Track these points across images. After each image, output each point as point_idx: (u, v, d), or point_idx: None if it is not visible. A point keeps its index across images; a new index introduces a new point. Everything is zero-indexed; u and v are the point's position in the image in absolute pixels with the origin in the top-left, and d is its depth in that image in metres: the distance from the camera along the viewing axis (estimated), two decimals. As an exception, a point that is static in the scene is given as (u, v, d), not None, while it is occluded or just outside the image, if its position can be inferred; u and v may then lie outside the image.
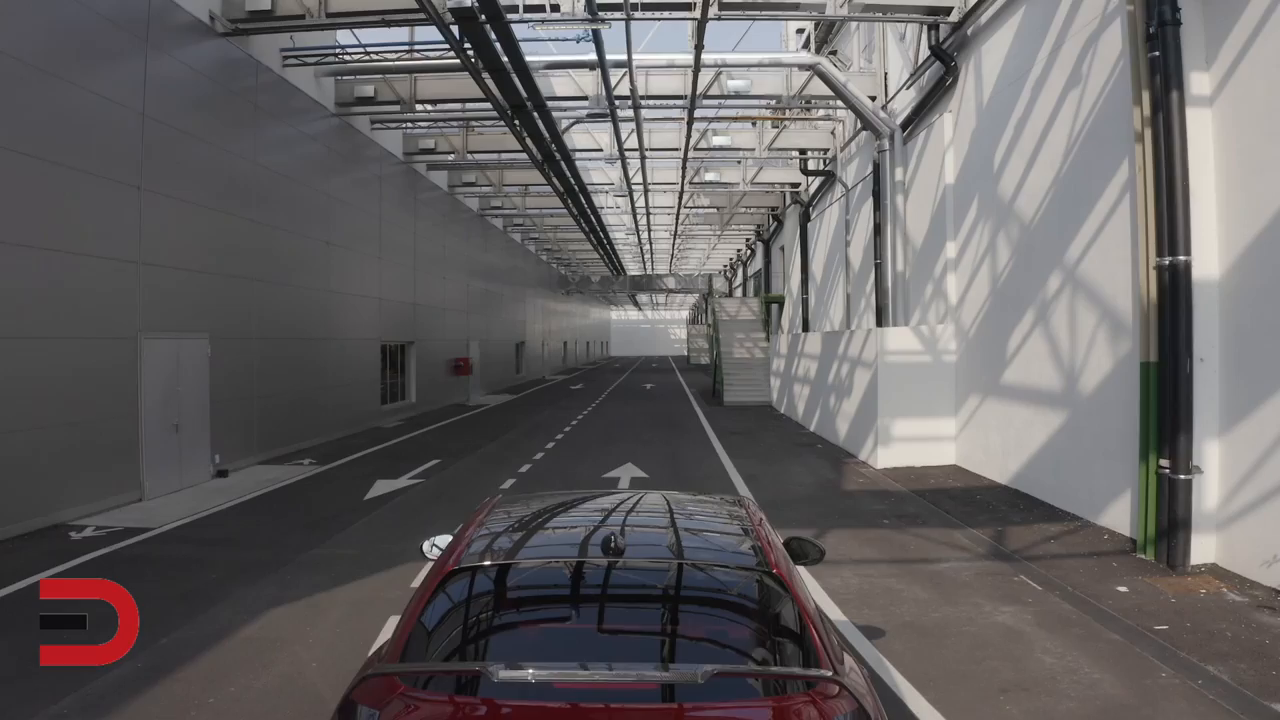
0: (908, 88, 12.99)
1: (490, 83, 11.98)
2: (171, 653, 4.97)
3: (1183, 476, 6.46)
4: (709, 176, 20.74)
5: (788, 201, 23.70)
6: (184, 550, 7.52)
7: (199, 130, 10.99)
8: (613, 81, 13.71)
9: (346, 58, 14.00)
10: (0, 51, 7.73)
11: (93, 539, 7.77)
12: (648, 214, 24.73)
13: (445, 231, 22.76)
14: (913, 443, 11.47)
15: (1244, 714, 4.14)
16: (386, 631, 5.09)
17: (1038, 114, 9.00)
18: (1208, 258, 6.58)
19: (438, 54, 13.15)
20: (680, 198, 22.02)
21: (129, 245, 9.52)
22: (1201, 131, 6.62)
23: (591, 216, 23.35)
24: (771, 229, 27.92)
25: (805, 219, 21.37)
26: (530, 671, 1.98)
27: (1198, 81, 6.65)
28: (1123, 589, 6.09)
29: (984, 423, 10.57)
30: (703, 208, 25.96)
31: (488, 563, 2.65)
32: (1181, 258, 6.47)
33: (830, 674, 2.15)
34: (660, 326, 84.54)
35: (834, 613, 5.61)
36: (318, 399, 14.66)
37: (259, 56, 12.43)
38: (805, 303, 21.61)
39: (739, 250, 38.29)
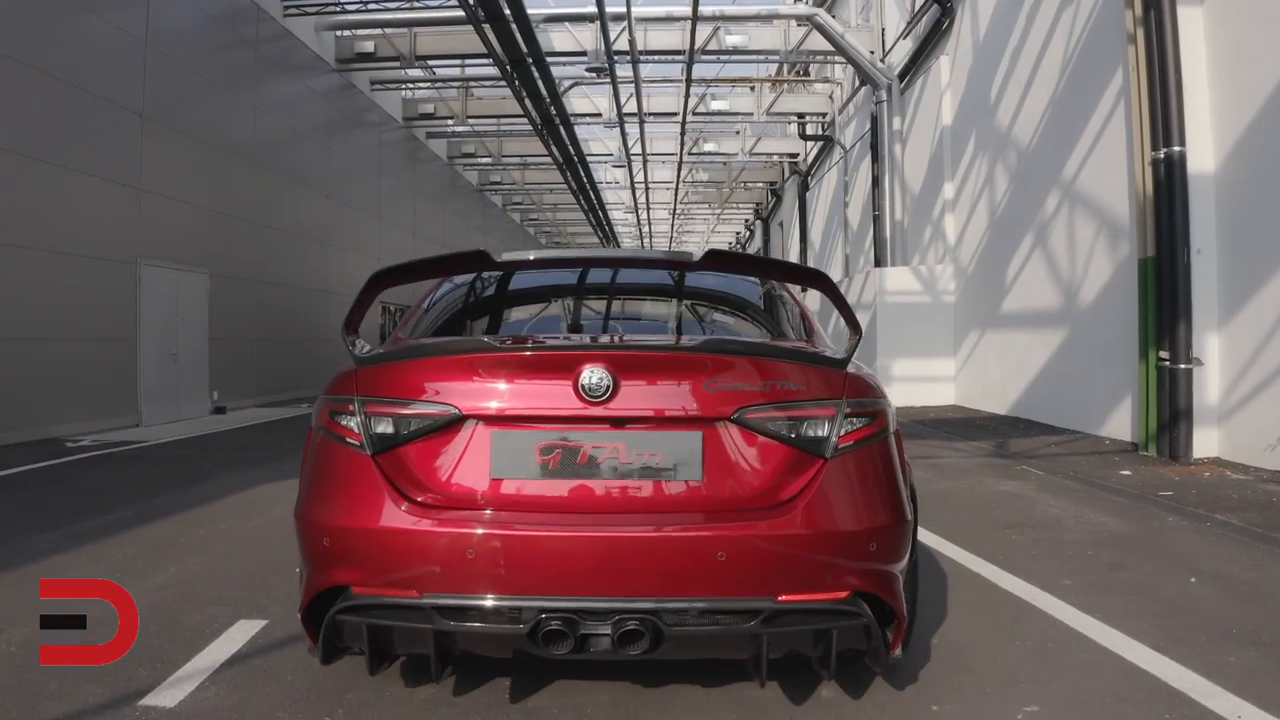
0: (905, 37, 13.02)
1: (490, 34, 11.97)
2: (162, 508, 4.94)
3: (1183, 366, 6.42)
4: (708, 147, 20.75)
5: (786, 175, 23.73)
6: (181, 452, 7.49)
7: (202, 68, 10.98)
8: (611, 36, 13.71)
9: (347, 7, 13.99)
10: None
11: (88, 447, 7.71)
12: (646, 189, 24.71)
13: (444, 206, 22.74)
14: (912, 383, 11.43)
15: (1254, 542, 4.10)
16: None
17: (1033, 39, 9.02)
18: (1202, 150, 6.55)
19: (437, 1, 13.17)
20: (679, 170, 22.02)
21: (130, 170, 9.49)
22: (1193, 28, 6.60)
23: (591, 192, 23.32)
24: (770, 206, 27.95)
25: (804, 189, 21.40)
26: (530, 254, 1.95)
27: (1188, -22, 6.65)
28: (1126, 472, 6.05)
29: (983, 356, 10.55)
30: (701, 182, 25.97)
31: (485, 273, 2.57)
32: (1176, 149, 6.44)
33: (826, 274, 2.10)
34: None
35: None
36: (316, 349, 14.58)
37: (260, 2, 12.43)
38: (804, 273, 21.58)
39: (738, 233, 38.32)
